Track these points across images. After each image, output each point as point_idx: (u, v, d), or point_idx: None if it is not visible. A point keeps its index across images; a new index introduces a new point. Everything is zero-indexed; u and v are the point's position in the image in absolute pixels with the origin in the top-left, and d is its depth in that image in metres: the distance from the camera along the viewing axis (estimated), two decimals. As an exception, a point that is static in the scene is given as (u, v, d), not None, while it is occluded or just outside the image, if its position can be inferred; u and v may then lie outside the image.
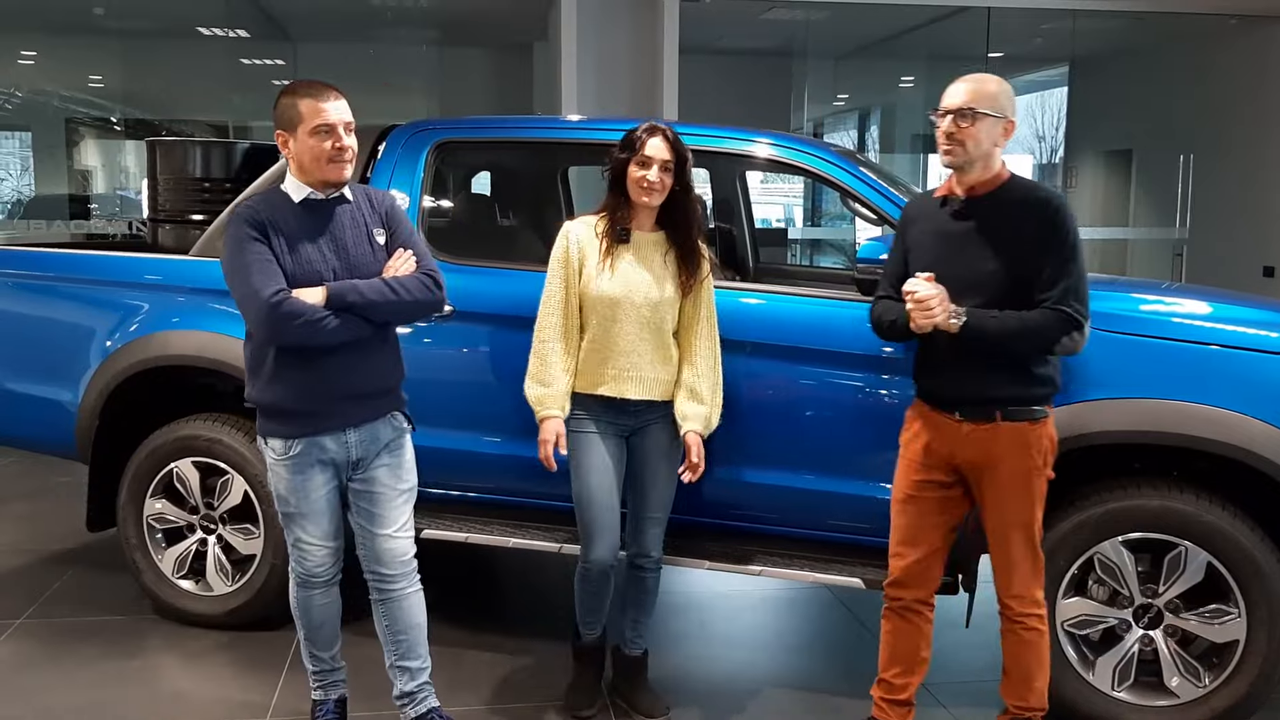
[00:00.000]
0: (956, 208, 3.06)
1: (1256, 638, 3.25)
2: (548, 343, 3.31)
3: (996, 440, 3.01)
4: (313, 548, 3.13)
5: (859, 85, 12.87)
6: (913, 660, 3.24)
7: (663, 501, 3.41)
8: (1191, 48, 10.81)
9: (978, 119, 2.96)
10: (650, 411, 3.36)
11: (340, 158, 2.93)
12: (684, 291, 3.32)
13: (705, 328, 3.36)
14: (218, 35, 10.06)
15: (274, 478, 3.09)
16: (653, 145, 3.24)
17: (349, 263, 2.98)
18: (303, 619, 3.25)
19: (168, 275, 4.15)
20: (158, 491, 4.10)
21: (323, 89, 2.94)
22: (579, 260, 3.31)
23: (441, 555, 3.22)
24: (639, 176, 3.24)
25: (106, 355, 4.11)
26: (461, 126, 4.27)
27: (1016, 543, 3.06)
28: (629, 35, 9.27)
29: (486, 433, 3.84)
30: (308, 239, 2.95)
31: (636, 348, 3.29)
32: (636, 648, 3.58)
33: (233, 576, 4.08)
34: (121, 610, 4.31)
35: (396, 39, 11.70)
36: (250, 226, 2.89)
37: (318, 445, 3.02)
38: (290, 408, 2.99)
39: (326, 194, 3.00)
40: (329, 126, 2.90)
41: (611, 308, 3.27)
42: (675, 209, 3.32)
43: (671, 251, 3.33)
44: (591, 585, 3.45)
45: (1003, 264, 2.96)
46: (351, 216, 3.04)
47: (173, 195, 4.71)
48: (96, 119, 12.25)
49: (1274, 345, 3.33)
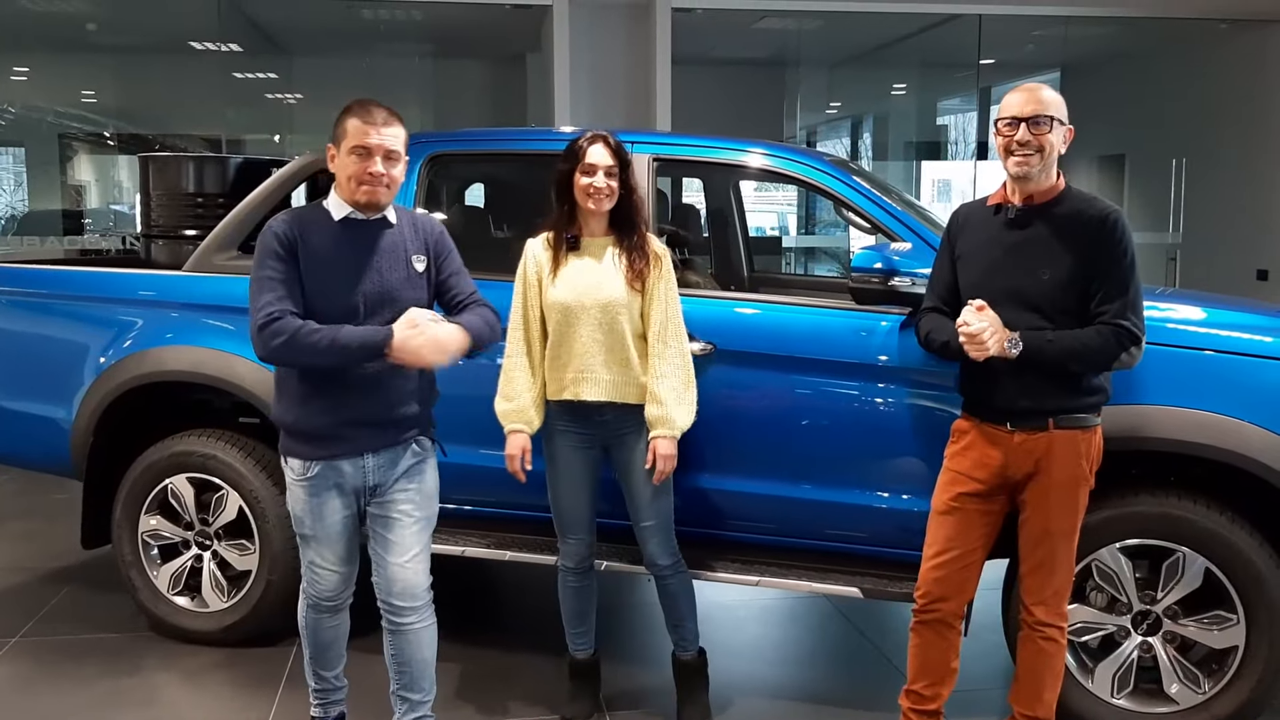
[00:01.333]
0: (1012, 215, 3.04)
1: (1256, 643, 3.25)
2: (511, 357, 3.37)
3: (1050, 448, 3.00)
4: (325, 572, 3.11)
5: (852, 94, 12.89)
6: (943, 671, 3.22)
7: (654, 509, 3.40)
8: (1183, 52, 10.84)
9: (1053, 126, 2.95)
10: (623, 421, 3.36)
11: (372, 182, 2.89)
12: (636, 289, 3.32)
13: (667, 328, 3.33)
14: (210, 49, 10.04)
15: (291, 498, 3.07)
16: (595, 152, 3.28)
17: (380, 287, 2.94)
18: (310, 639, 3.23)
19: (162, 291, 4.14)
20: (153, 508, 4.09)
21: (375, 110, 2.91)
22: (536, 275, 3.36)
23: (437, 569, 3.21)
24: (585, 184, 3.28)
25: (100, 372, 4.10)
26: (455, 139, 4.27)
27: (1056, 551, 3.06)
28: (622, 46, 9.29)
29: (483, 446, 3.83)
30: (339, 259, 2.92)
31: (589, 349, 3.31)
32: (685, 651, 3.60)
33: (228, 592, 4.06)
34: (117, 628, 4.29)
35: (390, 52, 11.70)
36: (276, 241, 2.88)
37: (335, 469, 3.00)
38: (309, 430, 2.97)
39: (367, 215, 2.97)
40: (366, 149, 2.88)
41: (564, 313, 3.31)
42: (620, 210, 3.35)
43: (621, 252, 3.35)
44: (568, 589, 3.51)
45: (1057, 275, 2.95)
46: (391, 240, 3.00)
47: (166, 210, 4.70)
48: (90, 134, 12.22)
49: (1269, 350, 3.33)
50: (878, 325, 3.51)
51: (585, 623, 3.60)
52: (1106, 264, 2.93)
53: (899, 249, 3.45)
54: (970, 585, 3.18)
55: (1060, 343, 2.92)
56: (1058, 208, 3.00)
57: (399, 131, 2.94)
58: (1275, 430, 3.22)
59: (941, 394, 3.41)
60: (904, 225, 3.61)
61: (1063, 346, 2.92)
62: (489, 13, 9.31)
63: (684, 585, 3.52)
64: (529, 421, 3.34)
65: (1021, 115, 2.95)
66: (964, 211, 3.24)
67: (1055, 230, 2.98)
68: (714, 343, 3.59)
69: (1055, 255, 2.96)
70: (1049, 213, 3.00)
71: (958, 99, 13.04)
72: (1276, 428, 3.22)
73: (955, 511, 3.13)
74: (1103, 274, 2.93)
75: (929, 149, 13.67)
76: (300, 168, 4.24)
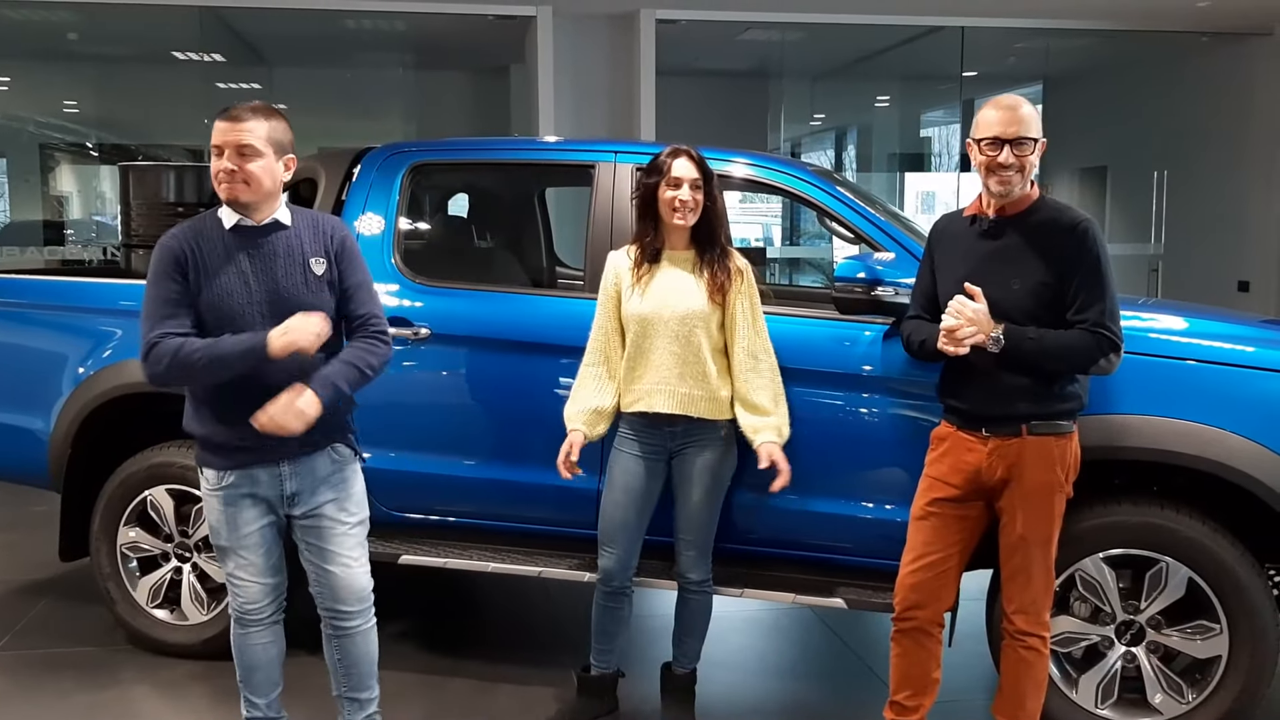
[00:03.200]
0: (986, 226, 3.05)
1: (1239, 653, 3.24)
2: (587, 366, 3.42)
3: (1021, 454, 3.00)
4: (245, 583, 3.04)
5: (835, 105, 12.94)
6: (925, 681, 3.22)
7: (695, 524, 3.41)
8: (1164, 65, 10.92)
9: (1034, 145, 2.97)
10: (690, 433, 3.37)
11: (228, 179, 2.83)
12: (716, 302, 3.34)
13: (753, 339, 3.37)
14: (193, 60, 10.03)
15: (207, 509, 3.03)
16: (679, 166, 3.30)
17: (277, 294, 2.87)
18: (238, 659, 3.14)
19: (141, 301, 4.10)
20: (131, 520, 4.05)
21: (236, 109, 2.85)
22: (616, 287, 3.39)
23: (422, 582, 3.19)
24: (670, 198, 3.30)
25: (79, 382, 4.06)
26: (437, 149, 4.26)
27: (1032, 558, 3.06)
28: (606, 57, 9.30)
29: (465, 456, 3.81)
30: (233, 268, 2.85)
31: (665, 362, 3.32)
32: (682, 666, 3.61)
33: (208, 605, 4.02)
34: (95, 641, 4.25)
35: (373, 63, 11.69)
36: (165, 256, 2.84)
37: (250, 478, 2.95)
38: (220, 441, 2.93)
39: (257, 220, 2.90)
40: (218, 147, 2.83)
41: (643, 325, 3.33)
42: (703, 224, 3.37)
43: (702, 265, 3.37)
44: (604, 603, 3.49)
45: (1031, 284, 2.96)
46: (286, 244, 2.91)
47: (146, 220, 4.68)
48: (72, 144, 12.18)
49: (1251, 360, 3.33)
50: (861, 335, 3.51)
51: (611, 641, 3.56)
52: (1080, 272, 2.94)
53: (882, 259, 3.45)
54: (947, 593, 3.18)
55: (1041, 341, 2.93)
56: (1031, 217, 3.02)
57: (256, 126, 2.84)
58: (1258, 440, 3.22)
59: (924, 403, 3.40)
60: (887, 235, 3.61)
61: (1043, 345, 2.93)
62: (472, 24, 9.31)
63: (708, 603, 3.54)
64: (589, 423, 3.36)
65: (1005, 136, 2.95)
66: (943, 223, 3.26)
67: (1027, 240, 2.99)
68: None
69: (1026, 265, 2.98)
70: (1022, 223, 3.02)
71: (940, 111, 13.11)
72: (1259, 437, 3.22)
73: (932, 517, 3.14)
74: (1078, 282, 2.94)
75: (912, 161, 13.74)
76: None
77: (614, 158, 3.84)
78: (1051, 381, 2.99)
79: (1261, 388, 3.29)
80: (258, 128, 2.84)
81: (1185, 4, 8.96)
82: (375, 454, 3.80)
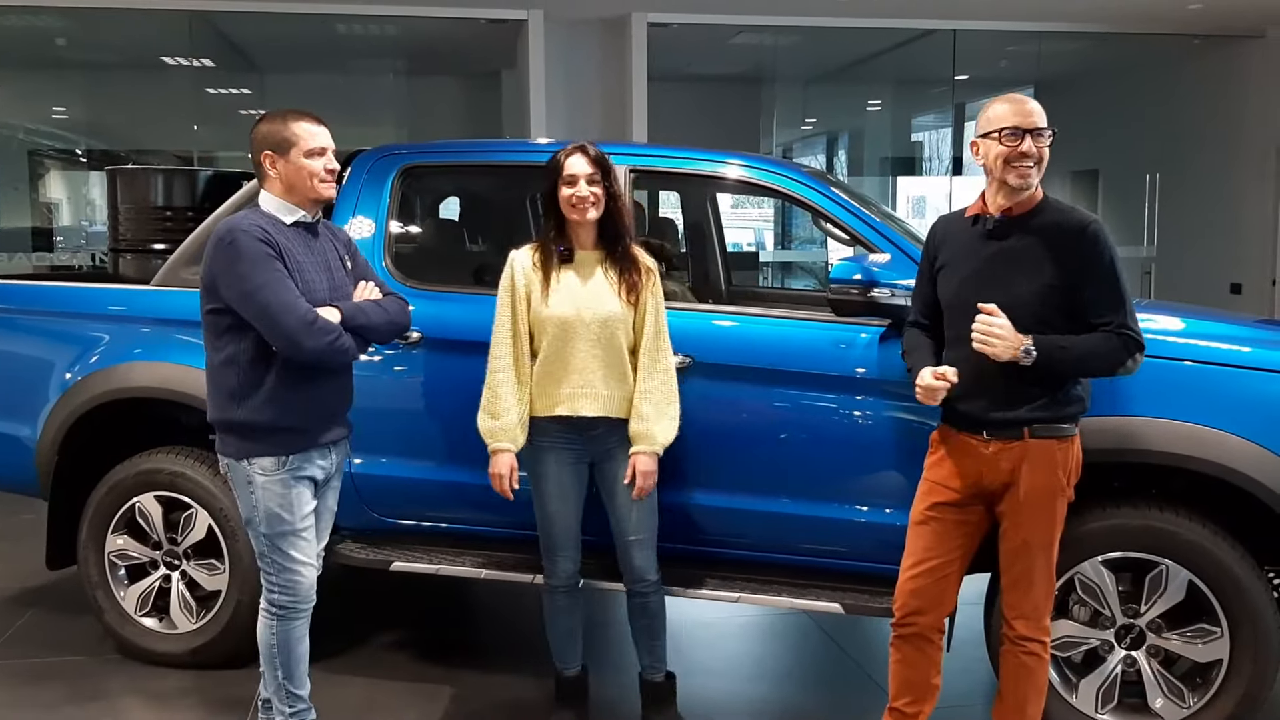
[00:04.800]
0: (990, 226, 3.01)
1: (1240, 657, 3.21)
2: (498, 373, 3.31)
3: (1025, 458, 2.97)
4: (305, 568, 3.14)
5: (827, 109, 12.94)
6: (925, 688, 3.18)
7: (642, 522, 3.37)
8: (1156, 68, 10.93)
9: (1052, 137, 2.94)
10: (611, 435, 3.33)
11: (331, 178, 3.10)
12: (630, 302, 3.30)
13: (653, 342, 3.32)
14: (183, 65, 9.98)
15: (265, 497, 3.07)
16: (574, 163, 3.27)
17: (335, 283, 3.14)
18: (288, 654, 3.19)
19: (129, 306, 4.07)
20: (119, 527, 4.00)
21: (311, 116, 3.11)
22: (525, 288, 3.32)
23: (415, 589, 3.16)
24: (568, 195, 3.27)
25: (66, 388, 4.02)
26: (428, 151, 4.21)
27: (1034, 563, 3.02)
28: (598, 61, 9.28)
29: (456, 461, 3.77)
30: (308, 260, 3.08)
31: (589, 365, 3.27)
32: (657, 673, 3.55)
33: (197, 614, 3.97)
34: (84, 650, 4.19)
35: (365, 68, 11.66)
36: (263, 243, 2.96)
37: (308, 460, 3.11)
38: (288, 425, 3.05)
39: (312, 217, 3.14)
40: (322, 150, 3.07)
41: (562, 328, 3.26)
42: (608, 221, 3.33)
43: (611, 265, 3.33)
44: (557, 608, 3.46)
45: (1039, 285, 2.92)
46: (328, 241, 3.22)
47: (134, 225, 4.63)
48: (61, 151, 12.13)
49: (1249, 360, 3.31)
50: (857, 337, 3.48)
51: (573, 640, 3.55)
52: (1093, 274, 2.91)
53: (878, 260, 3.42)
54: (948, 598, 3.15)
55: (1073, 349, 2.89)
56: (1036, 218, 2.98)
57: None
58: (1258, 442, 3.19)
59: (922, 406, 3.36)
60: (883, 237, 3.58)
61: (1075, 352, 2.90)
62: (464, 28, 9.29)
63: (663, 602, 3.48)
64: (515, 440, 3.30)
65: (1025, 126, 2.91)
66: (943, 224, 3.21)
67: (1034, 241, 2.95)
68: (692, 356, 3.55)
69: (1034, 266, 2.94)
70: (1027, 223, 2.98)
71: (932, 115, 13.11)
72: (1259, 439, 3.19)
73: (932, 522, 3.10)
74: (1093, 285, 2.91)
75: (904, 164, 13.75)
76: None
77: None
78: (1055, 385, 2.96)
79: (1261, 389, 3.27)
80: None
81: (1177, 6, 8.97)
82: (366, 459, 3.77)
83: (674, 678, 3.58)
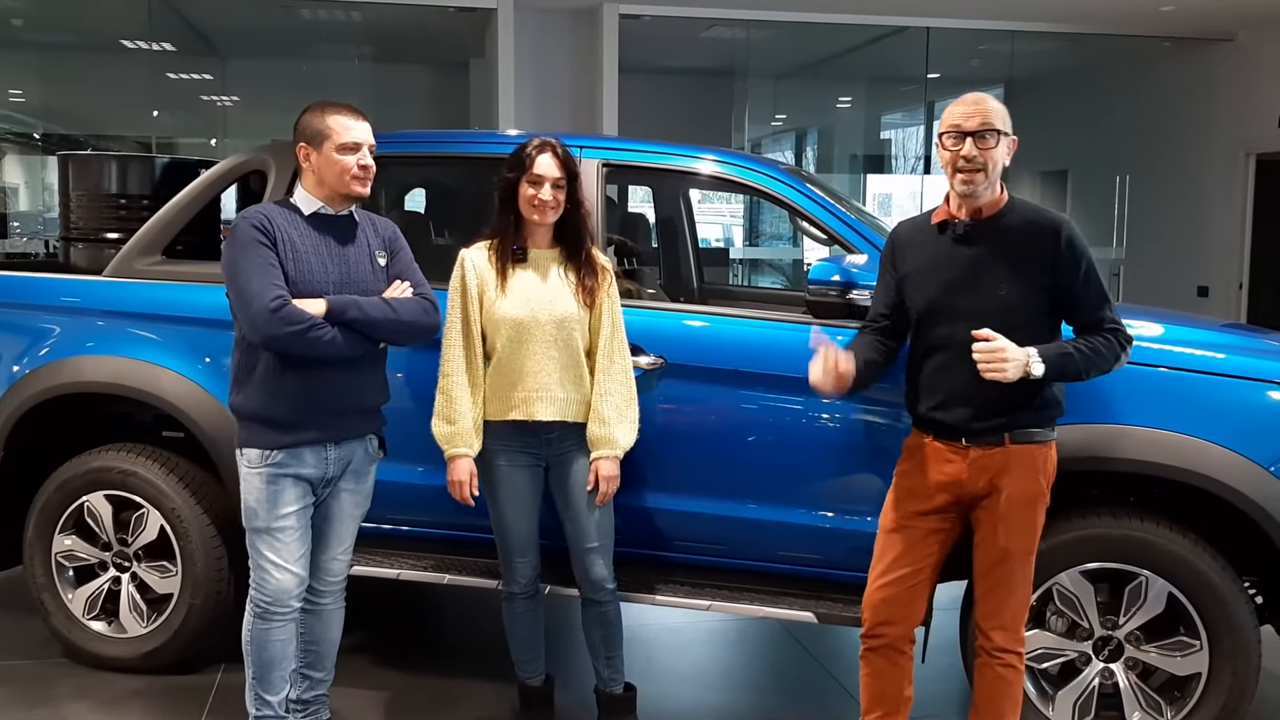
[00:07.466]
0: (960, 232, 2.93)
1: (1220, 670, 3.16)
2: (451, 377, 3.20)
3: (1005, 464, 2.90)
4: (274, 569, 3.03)
5: (798, 105, 12.91)
6: (897, 700, 3.11)
7: (601, 529, 3.28)
8: (1127, 69, 10.97)
9: (1000, 139, 2.84)
10: (566, 438, 3.24)
11: (365, 175, 3.06)
12: (586, 304, 3.21)
13: (613, 344, 3.24)
14: (143, 49, 9.78)
15: (246, 488, 3.04)
16: (543, 163, 3.15)
17: (349, 278, 3.06)
18: (256, 655, 3.11)
19: (81, 297, 3.93)
20: (67, 527, 3.87)
21: (350, 109, 3.09)
22: (478, 287, 3.21)
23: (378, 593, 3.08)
24: (530, 195, 3.16)
25: (12, 382, 3.89)
26: (394, 141, 4.09)
27: (1014, 572, 2.95)
28: (568, 52, 9.19)
29: (419, 463, 3.65)
30: (312, 250, 3.02)
31: (545, 367, 3.18)
32: (615, 684, 3.45)
33: (148, 617, 3.85)
34: (29, 654, 4.07)
35: (329, 55, 11.49)
36: (257, 229, 2.95)
37: (297, 458, 3.02)
38: (275, 417, 2.99)
39: (337, 210, 3.09)
40: (356, 145, 3.03)
41: (517, 329, 3.16)
42: (567, 223, 3.23)
43: (569, 266, 3.23)
44: (517, 615, 3.39)
45: (1015, 289, 2.86)
46: (357, 235, 3.14)
47: (86, 212, 4.47)
48: (17, 135, 11.91)
49: (1230, 368, 3.25)
50: (833, 339, 3.39)
51: (536, 648, 3.47)
52: (1078, 276, 2.86)
53: (856, 261, 3.34)
54: (917, 608, 3.07)
55: (1077, 355, 2.85)
56: (1006, 220, 2.91)
57: (369, 126, 3.12)
58: (1238, 451, 3.14)
59: (897, 410, 3.29)
60: (859, 235, 3.50)
61: (1080, 356, 2.85)
62: (432, 16, 9.16)
63: (620, 610, 3.40)
64: (472, 445, 3.20)
65: (966, 128, 2.83)
66: (904, 231, 3.13)
67: (1008, 244, 2.89)
68: (664, 356, 3.46)
69: (1011, 270, 2.87)
70: (997, 226, 2.91)
71: (903, 113, 13.10)
72: (1240, 448, 3.14)
73: (904, 529, 3.03)
74: (1079, 286, 2.87)
75: (874, 162, 13.73)
76: (231, 168, 4.03)
77: (579, 152, 3.70)
78: (1035, 389, 2.89)
79: (1243, 397, 3.21)
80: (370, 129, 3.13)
81: (1149, 9, 8.98)
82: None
83: (634, 689, 3.49)
